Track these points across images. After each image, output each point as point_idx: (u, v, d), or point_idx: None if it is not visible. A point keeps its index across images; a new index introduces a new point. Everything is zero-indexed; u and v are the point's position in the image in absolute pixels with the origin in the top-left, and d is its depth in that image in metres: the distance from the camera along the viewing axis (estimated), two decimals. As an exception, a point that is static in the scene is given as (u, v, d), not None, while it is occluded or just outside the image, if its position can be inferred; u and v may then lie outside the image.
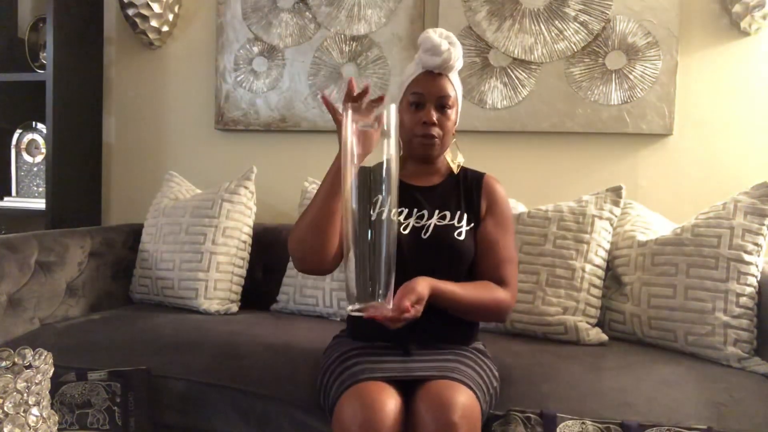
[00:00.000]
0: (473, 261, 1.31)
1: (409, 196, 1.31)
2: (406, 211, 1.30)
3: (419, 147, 1.31)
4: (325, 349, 1.34)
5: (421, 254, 1.24)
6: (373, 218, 1.14)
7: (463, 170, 1.39)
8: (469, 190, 1.35)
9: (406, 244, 1.23)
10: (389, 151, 1.03)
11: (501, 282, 1.27)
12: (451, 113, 1.31)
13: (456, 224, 1.29)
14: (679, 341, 1.51)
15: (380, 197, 1.15)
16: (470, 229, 1.30)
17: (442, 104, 1.29)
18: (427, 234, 1.27)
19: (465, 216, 1.31)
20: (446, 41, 1.28)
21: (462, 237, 1.27)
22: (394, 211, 1.06)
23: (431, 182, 1.36)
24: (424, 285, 1.12)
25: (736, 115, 1.90)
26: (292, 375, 1.36)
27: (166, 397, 1.40)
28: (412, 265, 1.19)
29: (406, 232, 1.26)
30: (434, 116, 1.29)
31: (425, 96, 1.29)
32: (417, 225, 1.28)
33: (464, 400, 1.03)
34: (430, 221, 1.28)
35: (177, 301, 1.90)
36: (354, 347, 1.23)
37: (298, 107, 2.23)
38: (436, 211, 1.30)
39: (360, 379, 1.08)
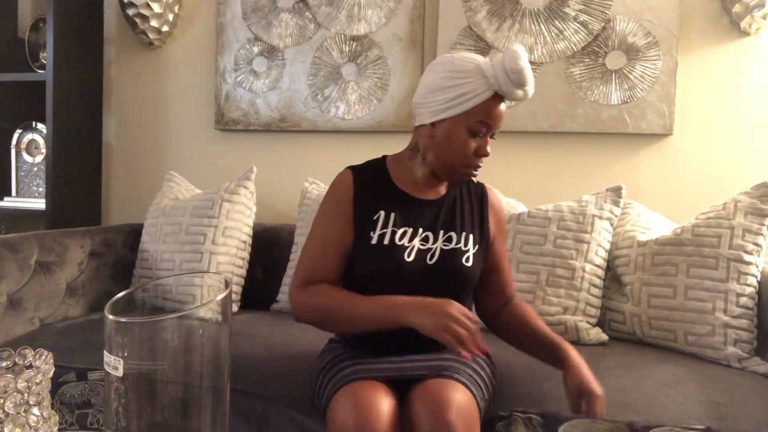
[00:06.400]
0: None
1: (413, 212, 1.22)
2: (410, 230, 1.20)
3: (457, 175, 1.20)
4: (321, 352, 1.32)
5: (426, 280, 1.18)
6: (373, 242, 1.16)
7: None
8: (474, 206, 1.27)
9: (410, 270, 1.17)
10: None
11: (511, 296, 1.32)
12: None
13: (462, 248, 1.21)
14: (679, 341, 1.51)
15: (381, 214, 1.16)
16: (476, 251, 1.23)
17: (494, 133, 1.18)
18: (434, 259, 1.19)
19: (471, 237, 1.23)
20: (531, 71, 1.11)
21: (470, 263, 1.21)
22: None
23: (436, 195, 1.25)
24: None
25: (736, 115, 1.90)
26: (291, 375, 1.36)
27: (166, 397, 1.39)
28: (416, 293, 1.15)
29: (411, 258, 1.17)
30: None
31: (491, 128, 1.15)
32: (422, 247, 1.19)
33: (460, 398, 1.02)
34: (435, 245, 1.20)
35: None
36: (348, 349, 1.22)
37: (298, 107, 2.23)
38: (441, 232, 1.21)
39: (352, 378, 1.07)
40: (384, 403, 1.01)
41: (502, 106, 1.15)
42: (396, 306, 1.08)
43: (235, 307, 1.92)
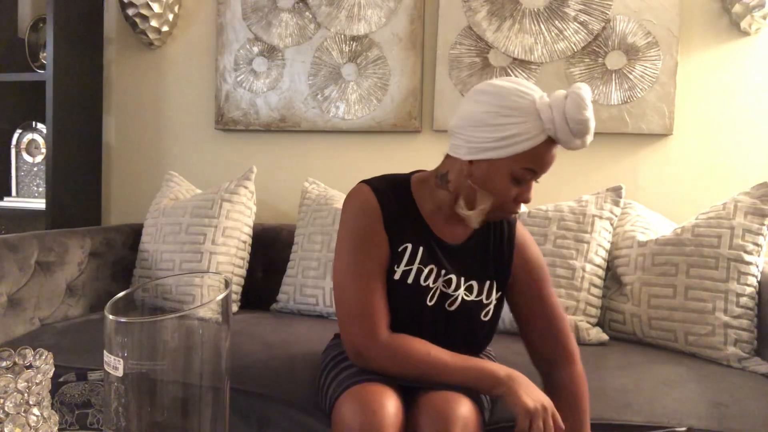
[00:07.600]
0: (521, 317, 1.20)
1: (439, 249, 1.14)
2: (435, 269, 1.12)
3: (490, 218, 1.10)
4: (325, 348, 1.32)
5: (442, 325, 1.13)
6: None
7: None
8: (499, 247, 1.18)
9: (430, 314, 1.12)
10: None
11: (570, 355, 1.15)
12: None
13: (484, 300, 1.14)
14: (679, 341, 1.51)
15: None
16: (498, 299, 1.16)
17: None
18: (453, 306, 1.13)
19: (494, 283, 1.16)
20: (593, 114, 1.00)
21: (488, 318, 1.15)
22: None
23: (460, 237, 1.16)
24: None
25: (736, 115, 1.90)
26: (291, 375, 1.36)
27: (166, 397, 1.39)
28: (429, 335, 1.10)
29: (432, 303, 1.11)
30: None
31: (537, 174, 1.04)
32: (444, 290, 1.13)
33: (464, 412, 1.01)
34: (458, 292, 1.13)
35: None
36: None
37: (298, 107, 2.23)
38: (463, 279, 1.14)
39: (359, 379, 1.06)
40: (390, 406, 1.00)
41: (554, 151, 1.03)
42: (496, 374, 1.03)
43: (235, 307, 1.92)
